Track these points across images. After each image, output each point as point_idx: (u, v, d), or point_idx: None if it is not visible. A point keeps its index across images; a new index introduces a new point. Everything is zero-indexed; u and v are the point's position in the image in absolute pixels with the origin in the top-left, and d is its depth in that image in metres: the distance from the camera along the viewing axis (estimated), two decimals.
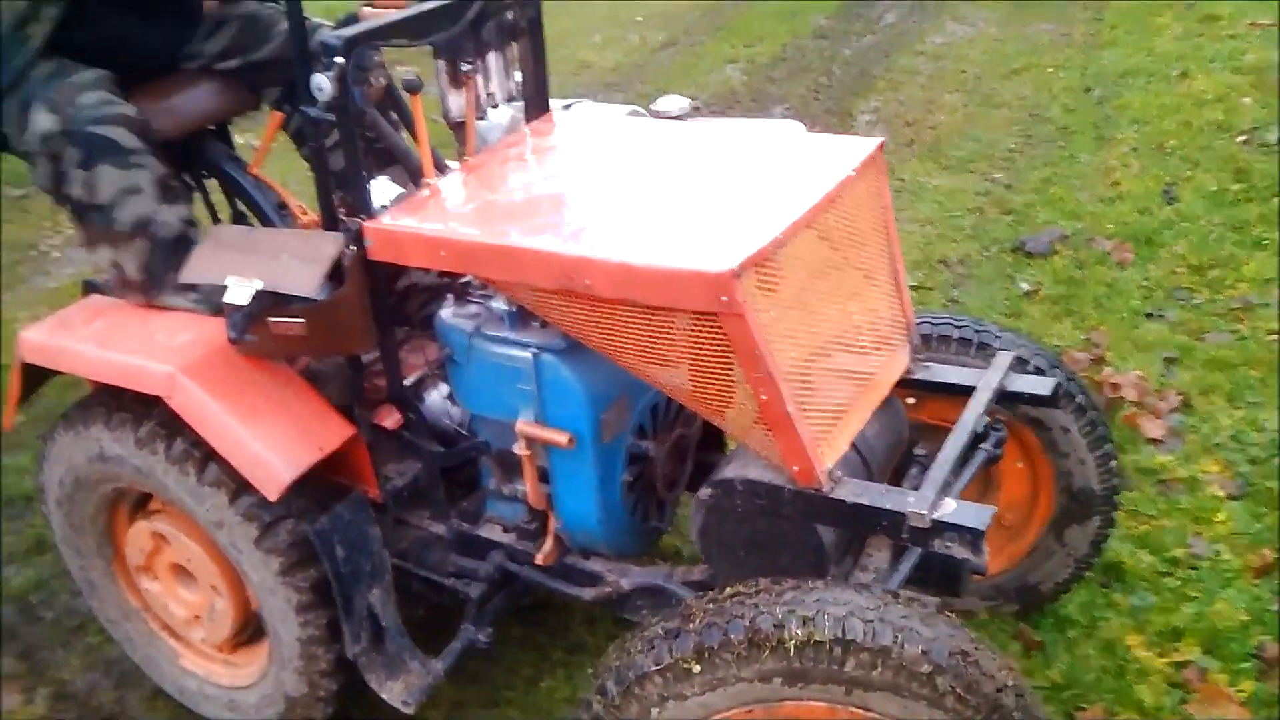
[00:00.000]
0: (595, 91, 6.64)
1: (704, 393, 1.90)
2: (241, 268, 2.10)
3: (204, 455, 2.21)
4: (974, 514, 1.80)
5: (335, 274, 2.09)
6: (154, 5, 2.59)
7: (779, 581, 1.79)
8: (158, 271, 2.35)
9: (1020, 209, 4.85)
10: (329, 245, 2.08)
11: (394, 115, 2.77)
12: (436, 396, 2.43)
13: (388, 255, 2.10)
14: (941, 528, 1.81)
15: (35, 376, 2.46)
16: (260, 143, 2.68)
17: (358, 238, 2.08)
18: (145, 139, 2.35)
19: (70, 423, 2.43)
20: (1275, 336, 3.61)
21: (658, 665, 1.73)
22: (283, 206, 2.71)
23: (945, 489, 1.88)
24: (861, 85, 6.69)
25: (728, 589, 1.81)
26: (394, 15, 2.12)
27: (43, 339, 2.36)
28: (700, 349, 1.84)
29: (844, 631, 1.64)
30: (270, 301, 2.11)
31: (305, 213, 2.62)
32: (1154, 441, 3.20)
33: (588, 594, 2.29)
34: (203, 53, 2.66)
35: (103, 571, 2.65)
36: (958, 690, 1.61)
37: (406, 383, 2.36)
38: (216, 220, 2.88)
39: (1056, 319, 3.92)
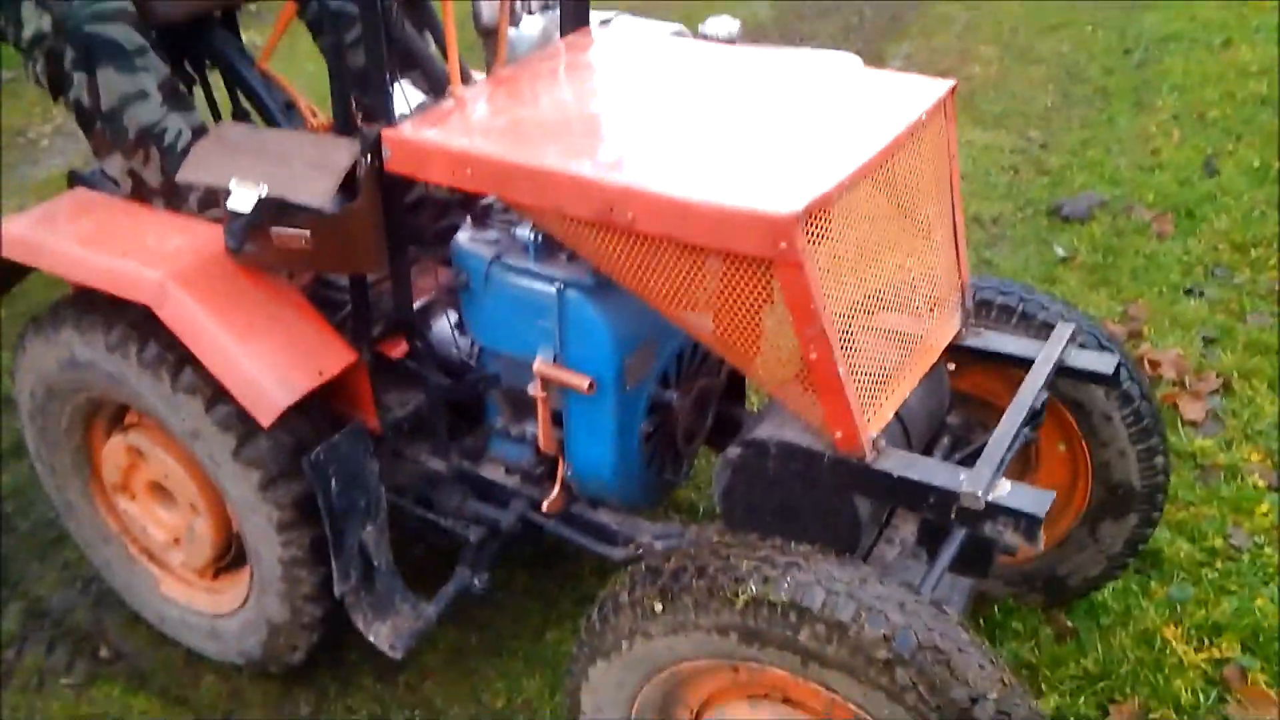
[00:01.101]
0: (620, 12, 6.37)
1: (743, 343, 1.74)
2: (246, 171, 1.92)
3: (179, 359, 2.05)
4: (1032, 499, 1.66)
5: (347, 184, 1.90)
6: None
7: (766, 538, 1.72)
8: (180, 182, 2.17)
9: (1056, 171, 4.66)
10: (343, 153, 1.90)
11: (415, 18, 2.56)
12: (444, 324, 2.26)
13: (407, 168, 1.92)
14: (995, 511, 1.65)
15: (13, 272, 2.28)
16: (269, 36, 2.47)
17: (375, 146, 1.90)
18: (146, 35, 2.15)
19: (40, 328, 2.27)
20: None
21: (630, 600, 1.72)
22: (290, 106, 2.51)
23: (1000, 469, 1.73)
24: (893, 29, 6.43)
25: (715, 538, 1.76)
26: None
27: (24, 233, 2.17)
28: (746, 296, 1.67)
29: (800, 597, 1.55)
30: (275, 210, 1.93)
31: (315, 115, 2.42)
32: (1192, 424, 3.05)
33: (618, 554, 2.14)
34: None
35: (79, 492, 2.50)
36: (920, 688, 1.48)
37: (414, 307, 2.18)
38: (218, 118, 2.66)
39: (1093, 288, 3.75)
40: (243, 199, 1.90)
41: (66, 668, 2.52)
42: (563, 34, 2.30)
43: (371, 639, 2.13)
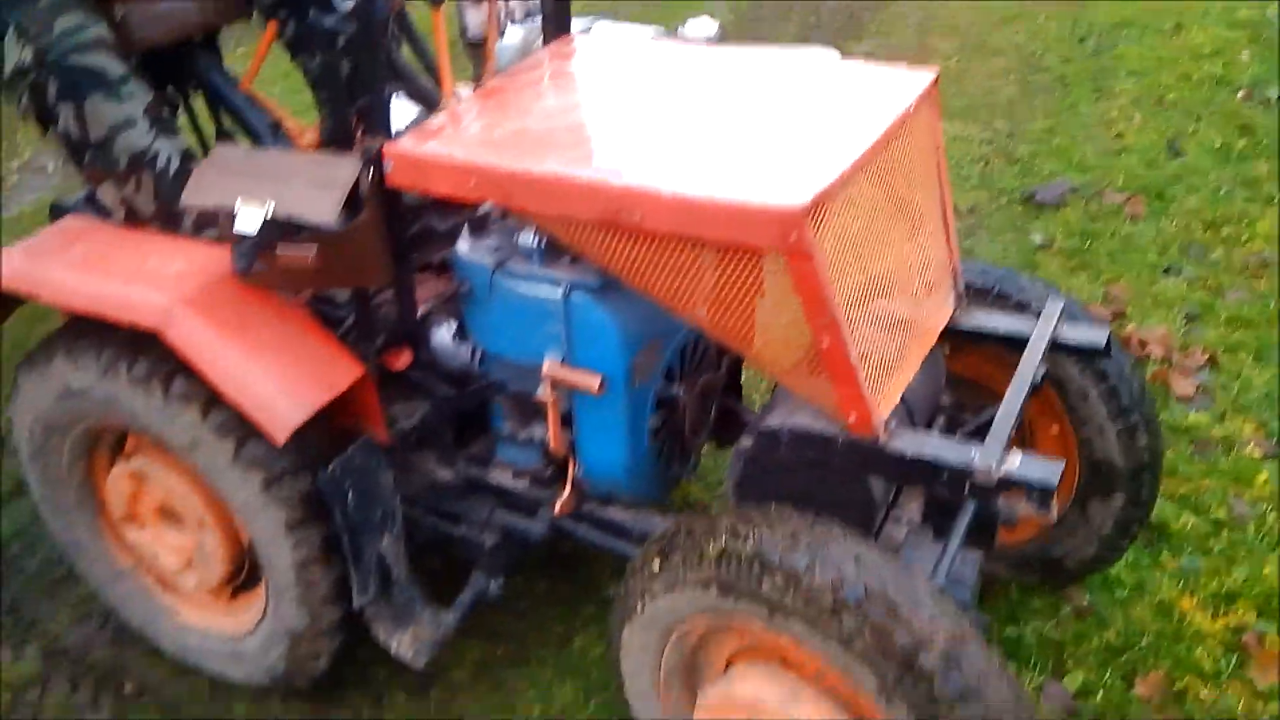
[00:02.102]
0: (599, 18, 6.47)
1: (753, 334, 1.82)
2: (249, 192, 1.97)
3: (170, 371, 2.10)
4: (1043, 469, 1.76)
5: (350, 201, 1.97)
6: None
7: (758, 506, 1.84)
8: (174, 206, 2.22)
9: (1026, 159, 4.81)
10: (345, 169, 1.96)
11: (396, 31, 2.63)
12: (444, 333, 2.32)
13: (409, 182, 1.99)
14: (1008, 483, 1.75)
15: (8, 303, 2.31)
16: (251, 57, 2.53)
17: (377, 161, 1.96)
18: (127, 62, 2.21)
19: (33, 365, 2.32)
20: None
21: (639, 565, 1.88)
22: (277, 126, 2.56)
23: (1009, 443, 1.83)
24: (851, 29, 6.57)
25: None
26: None
27: (23, 265, 2.21)
28: (755, 288, 1.76)
29: (763, 549, 1.68)
30: (280, 229, 1.98)
31: (305, 134, 2.48)
32: (1184, 399, 3.18)
33: (633, 550, 2.21)
34: None
35: (87, 529, 2.53)
36: (865, 634, 1.59)
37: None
38: (203, 142, 2.72)
39: (1072, 272, 3.89)
40: (249, 220, 1.95)
41: (93, 705, 2.53)
42: (545, 42, 2.38)
43: (393, 650, 2.18)
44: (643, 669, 2.03)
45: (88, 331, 2.20)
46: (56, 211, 2.49)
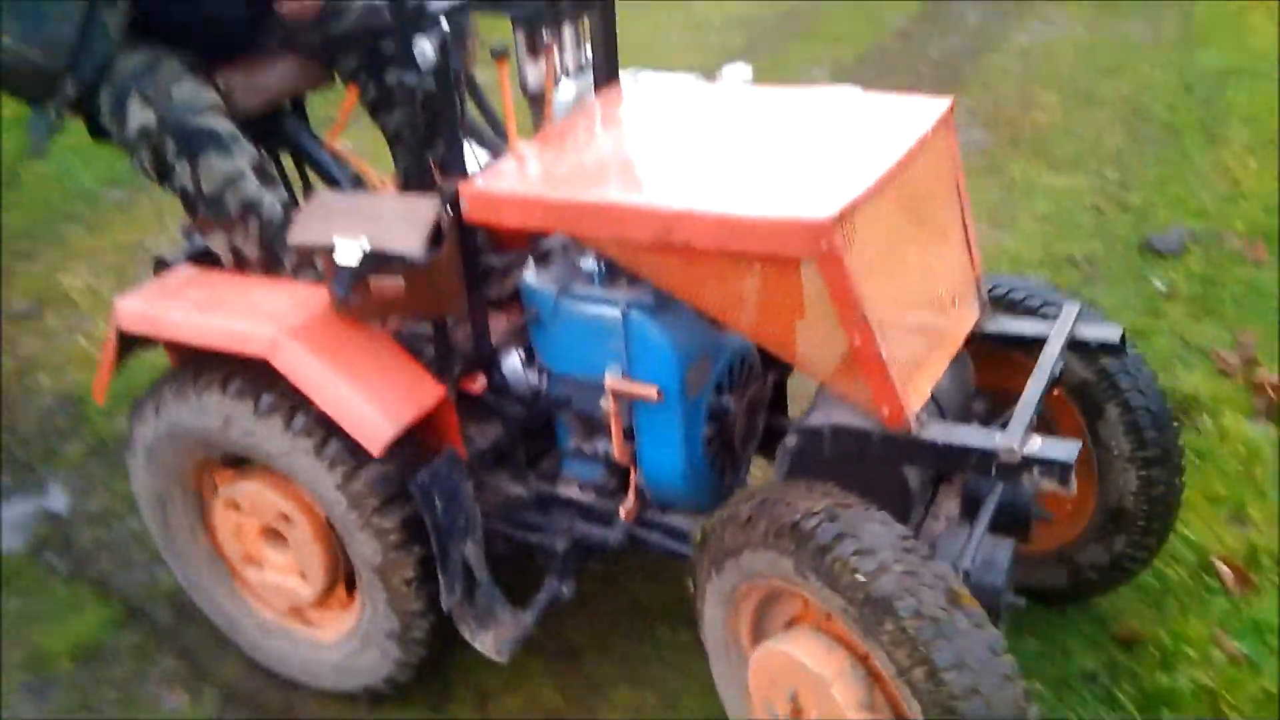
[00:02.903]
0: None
1: (793, 338, 2.14)
2: (346, 229, 2.37)
3: (225, 377, 2.53)
4: (1062, 448, 2.03)
5: (433, 236, 2.35)
6: None
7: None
8: (278, 250, 2.67)
9: (1140, 207, 5.04)
10: (428, 208, 2.36)
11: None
12: (514, 360, 2.68)
13: (484, 217, 2.39)
14: (1030, 463, 2.04)
15: (127, 346, 2.75)
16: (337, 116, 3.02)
17: (454, 200, 2.37)
18: (235, 122, 2.68)
19: (127, 445, 2.79)
20: None
21: (688, 572, 2.36)
22: (359, 179, 3.03)
23: (1030, 427, 2.12)
24: (953, 84, 6.82)
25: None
26: None
27: (141, 307, 2.65)
28: (793, 295, 2.08)
29: (729, 509, 2.18)
30: (372, 263, 2.38)
31: (385, 184, 2.94)
32: None
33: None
34: (281, 26, 2.93)
35: (228, 596, 2.93)
36: (769, 526, 2.06)
37: None
38: (293, 196, 3.18)
39: (1198, 320, 4.09)
40: (348, 253, 2.37)
41: None
42: (596, 90, 2.73)
43: (478, 647, 2.52)
44: (726, 678, 2.39)
45: (151, 389, 2.69)
46: (159, 265, 2.97)
